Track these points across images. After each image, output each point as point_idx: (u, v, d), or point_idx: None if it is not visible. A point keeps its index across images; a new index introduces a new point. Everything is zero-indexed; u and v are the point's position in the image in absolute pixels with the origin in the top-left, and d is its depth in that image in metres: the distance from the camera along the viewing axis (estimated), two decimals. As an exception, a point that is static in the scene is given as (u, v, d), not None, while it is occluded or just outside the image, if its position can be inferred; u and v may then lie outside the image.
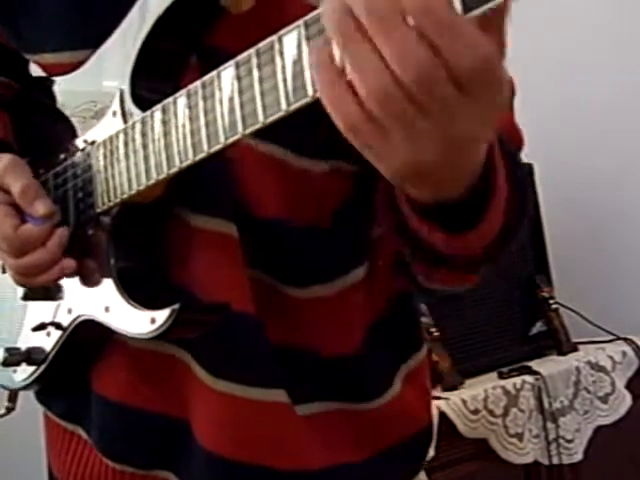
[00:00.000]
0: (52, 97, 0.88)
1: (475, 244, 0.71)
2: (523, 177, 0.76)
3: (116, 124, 0.79)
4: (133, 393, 0.85)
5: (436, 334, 2.00)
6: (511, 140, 0.80)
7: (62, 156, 0.86)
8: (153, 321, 0.75)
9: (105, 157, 0.80)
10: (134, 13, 0.78)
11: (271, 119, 0.61)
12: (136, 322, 0.77)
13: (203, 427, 0.81)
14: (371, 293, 0.86)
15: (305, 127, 0.70)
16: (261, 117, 0.62)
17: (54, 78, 0.88)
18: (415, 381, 0.91)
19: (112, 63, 0.80)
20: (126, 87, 0.78)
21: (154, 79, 0.77)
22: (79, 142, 0.84)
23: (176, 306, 0.74)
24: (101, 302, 0.81)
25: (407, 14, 0.50)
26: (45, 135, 0.90)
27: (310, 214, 0.81)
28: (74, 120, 0.85)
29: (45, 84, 0.88)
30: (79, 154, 0.84)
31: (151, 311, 0.76)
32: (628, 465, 2.19)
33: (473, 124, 0.55)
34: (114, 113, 0.80)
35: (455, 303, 2.11)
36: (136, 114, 0.77)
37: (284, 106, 0.60)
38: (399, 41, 0.50)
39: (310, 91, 0.58)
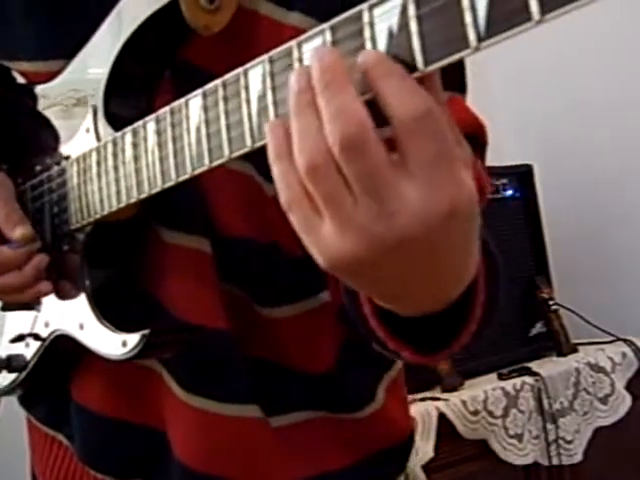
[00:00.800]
0: (34, 101, 0.88)
1: (444, 357, 0.68)
2: (496, 264, 0.70)
3: (89, 141, 0.79)
4: (111, 403, 0.85)
5: (436, 335, 2.00)
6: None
7: (38, 168, 0.87)
8: (124, 344, 0.76)
9: (79, 175, 0.80)
10: (105, 27, 0.79)
11: (236, 154, 0.60)
12: (108, 343, 0.78)
13: (178, 440, 0.82)
14: (343, 311, 0.86)
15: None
16: (226, 151, 0.61)
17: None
18: (395, 389, 0.91)
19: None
20: (99, 104, 0.78)
21: (127, 97, 0.78)
22: (57, 154, 0.84)
23: (146, 331, 0.75)
24: (76, 319, 0.81)
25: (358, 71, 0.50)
26: (28, 140, 0.90)
27: (278, 236, 0.81)
28: (56, 109, 0.85)
29: (29, 88, 0.88)
30: (55, 168, 0.84)
31: (123, 334, 0.76)
32: (628, 466, 2.19)
33: (413, 219, 0.49)
34: (87, 129, 0.80)
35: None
36: (109, 132, 0.77)
37: (249, 142, 0.59)
38: (338, 103, 0.49)
39: None
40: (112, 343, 0.77)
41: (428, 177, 0.49)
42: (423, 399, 1.92)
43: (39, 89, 0.87)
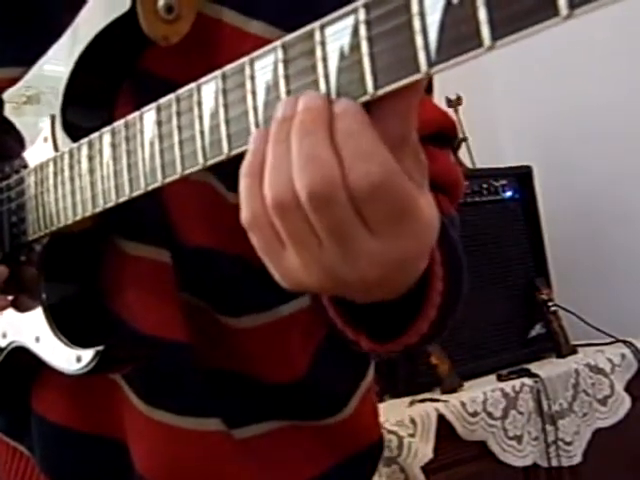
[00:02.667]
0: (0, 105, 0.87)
1: (402, 345, 0.68)
2: (457, 255, 0.71)
3: (47, 151, 0.78)
4: (72, 415, 0.84)
5: (435, 336, 2.00)
6: (445, 188, 0.76)
7: None
8: (79, 359, 0.75)
9: (36, 185, 0.79)
10: (65, 37, 0.77)
11: (188, 171, 0.59)
12: (63, 358, 0.76)
13: (139, 454, 0.81)
14: (314, 319, 0.84)
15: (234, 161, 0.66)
16: (179, 168, 0.60)
17: None
18: (367, 397, 0.90)
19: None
20: (57, 113, 0.76)
21: (85, 107, 0.76)
22: (15, 162, 0.83)
23: (100, 347, 0.73)
24: (32, 331, 0.80)
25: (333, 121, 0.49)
26: None
27: (243, 246, 0.80)
28: (7, 107, 0.84)
29: None
30: (14, 176, 0.83)
31: (77, 349, 0.75)
32: (627, 467, 2.19)
33: (373, 264, 0.51)
34: (45, 139, 0.78)
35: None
36: (66, 143, 0.75)
37: (201, 160, 0.58)
38: (309, 148, 0.49)
39: (225, 149, 0.56)
40: (67, 358, 0.76)
41: (388, 233, 0.50)
42: (422, 400, 1.92)
43: (18, 87, 0.85)
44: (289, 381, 0.84)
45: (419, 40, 0.45)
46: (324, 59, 0.50)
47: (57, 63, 0.78)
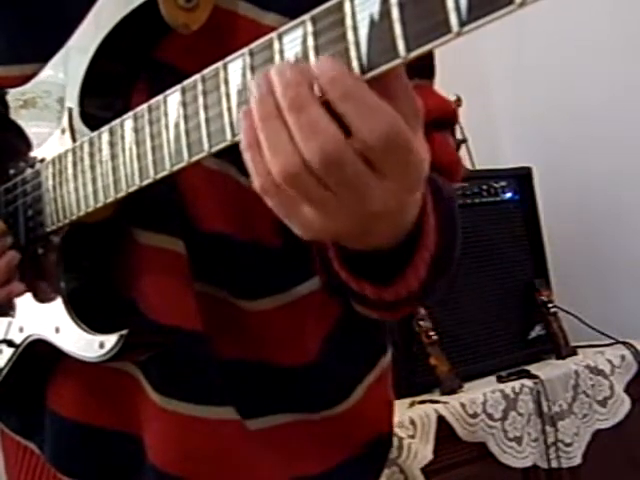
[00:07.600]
0: (6, 107, 0.87)
1: (405, 290, 0.71)
2: (453, 216, 0.75)
3: (65, 143, 0.79)
4: (86, 409, 0.85)
5: (435, 338, 2.00)
6: (448, 171, 0.78)
7: (12, 171, 0.86)
8: (102, 345, 0.75)
9: (54, 176, 0.79)
10: (83, 28, 0.78)
11: (216, 148, 0.61)
12: (85, 345, 0.77)
13: (154, 445, 0.82)
14: (327, 302, 0.86)
15: None
16: (206, 146, 0.61)
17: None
18: (378, 390, 0.91)
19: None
20: (75, 105, 0.77)
21: (103, 97, 0.77)
22: (31, 157, 0.84)
23: (124, 332, 0.74)
24: (52, 322, 0.81)
25: (318, 89, 0.52)
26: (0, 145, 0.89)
27: (256, 230, 0.81)
28: (34, 110, 0.84)
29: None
30: (29, 171, 0.83)
31: (100, 335, 0.76)
32: (627, 469, 2.18)
33: (386, 199, 0.55)
34: (63, 131, 0.79)
35: (454, 307, 2.12)
36: (85, 133, 0.76)
37: (229, 136, 0.59)
38: (308, 120, 0.52)
39: None
40: (89, 345, 0.77)
41: (395, 173, 0.54)
42: (422, 402, 1.91)
43: (16, 91, 0.86)
44: (300, 364, 0.84)
45: (450, 2, 0.46)
46: (354, 28, 0.51)
47: (77, 66, 0.78)
